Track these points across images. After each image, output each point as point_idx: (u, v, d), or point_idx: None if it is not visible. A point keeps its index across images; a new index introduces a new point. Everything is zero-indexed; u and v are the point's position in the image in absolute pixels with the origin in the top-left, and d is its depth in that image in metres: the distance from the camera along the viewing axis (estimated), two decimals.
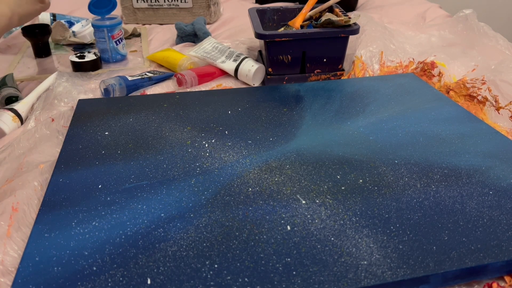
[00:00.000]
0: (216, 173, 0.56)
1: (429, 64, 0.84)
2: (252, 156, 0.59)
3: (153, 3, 1.17)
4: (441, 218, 0.48)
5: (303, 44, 0.80)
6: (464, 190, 0.53)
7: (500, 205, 0.50)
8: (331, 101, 0.73)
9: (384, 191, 0.52)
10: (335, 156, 0.59)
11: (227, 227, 0.47)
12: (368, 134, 0.64)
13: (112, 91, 0.77)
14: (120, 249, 0.44)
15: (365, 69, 0.86)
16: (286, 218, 0.48)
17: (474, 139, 0.63)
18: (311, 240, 0.45)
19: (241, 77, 0.83)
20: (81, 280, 0.41)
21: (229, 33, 1.11)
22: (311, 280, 0.41)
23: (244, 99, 0.74)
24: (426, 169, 0.56)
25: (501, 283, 0.44)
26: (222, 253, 0.44)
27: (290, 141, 0.62)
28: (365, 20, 0.93)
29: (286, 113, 0.70)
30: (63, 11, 1.18)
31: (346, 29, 0.79)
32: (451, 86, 0.78)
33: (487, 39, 0.91)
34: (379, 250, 0.44)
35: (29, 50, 1.00)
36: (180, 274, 0.41)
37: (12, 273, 0.44)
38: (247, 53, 0.96)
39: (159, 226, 0.47)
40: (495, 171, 0.56)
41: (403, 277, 0.41)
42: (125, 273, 0.41)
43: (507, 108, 0.70)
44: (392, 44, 0.90)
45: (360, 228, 0.47)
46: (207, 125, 0.66)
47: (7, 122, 0.68)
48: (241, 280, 0.41)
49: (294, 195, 0.52)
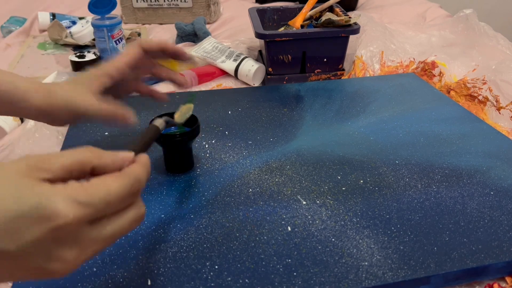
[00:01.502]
0: (216, 173, 0.55)
1: (430, 64, 0.83)
2: (252, 157, 0.59)
3: (153, 3, 1.16)
4: (442, 218, 0.48)
5: (303, 43, 0.79)
6: (465, 190, 0.53)
7: (501, 205, 0.50)
8: (332, 101, 0.73)
9: (385, 191, 0.52)
10: (335, 156, 0.59)
11: (227, 228, 0.47)
12: (369, 134, 0.64)
13: None
14: (120, 250, 0.44)
15: (365, 69, 0.85)
16: (286, 219, 0.48)
17: (475, 139, 0.63)
18: (312, 241, 0.45)
19: (241, 77, 0.83)
20: (81, 281, 0.40)
21: (229, 33, 1.10)
22: (312, 281, 0.41)
23: (244, 99, 0.74)
24: (427, 170, 0.56)
25: (502, 284, 0.44)
26: (223, 254, 0.43)
27: (290, 141, 0.62)
28: (366, 20, 0.93)
29: (287, 113, 0.70)
30: (63, 11, 1.18)
31: (347, 29, 0.79)
32: (451, 86, 0.78)
33: (488, 39, 0.91)
34: (380, 251, 0.44)
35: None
36: (180, 275, 0.41)
37: None
38: (247, 53, 0.96)
39: (159, 227, 0.47)
40: (496, 171, 0.56)
41: (404, 278, 0.41)
42: (125, 274, 0.41)
43: (508, 108, 0.70)
44: (393, 44, 0.90)
45: (361, 228, 0.47)
46: (207, 125, 0.66)
47: (8, 121, 0.68)
48: (241, 281, 0.41)
49: (294, 196, 0.51)
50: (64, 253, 0.26)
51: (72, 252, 0.26)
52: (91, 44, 1.01)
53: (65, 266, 0.26)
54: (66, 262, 0.26)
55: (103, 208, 0.27)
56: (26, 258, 0.26)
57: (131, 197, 0.29)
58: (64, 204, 0.25)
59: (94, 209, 0.27)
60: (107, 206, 0.28)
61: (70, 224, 0.25)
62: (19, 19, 1.14)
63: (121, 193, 0.28)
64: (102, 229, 0.28)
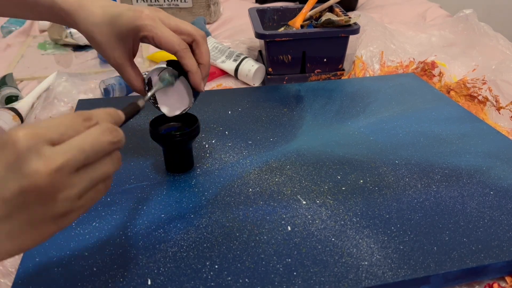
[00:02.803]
0: (216, 173, 0.55)
1: (430, 64, 0.83)
2: (252, 157, 0.59)
3: (152, 3, 1.16)
4: (442, 218, 0.48)
5: (303, 44, 0.79)
6: (465, 190, 0.53)
7: (501, 205, 0.50)
8: (332, 101, 0.73)
9: (385, 191, 0.52)
10: (335, 156, 0.59)
11: (227, 228, 0.47)
12: (369, 134, 0.64)
13: (112, 91, 0.77)
14: (121, 250, 0.44)
15: (365, 69, 0.85)
16: (286, 218, 0.48)
17: (474, 139, 0.63)
18: (312, 241, 0.45)
19: (241, 77, 0.83)
20: (81, 281, 0.40)
21: (229, 33, 1.11)
22: (312, 281, 0.41)
23: (244, 99, 0.74)
24: (426, 169, 0.56)
25: (502, 284, 0.44)
26: (223, 254, 0.43)
27: (290, 141, 0.62)
28: (365, 20, 0.93)
29: (287, 113, 0.70)
30: None
31: (346, 29, 0.79)
32: (451, 86, 0.78)
33: (488, 39, 0.91)
34: (380, 251, 0.44)
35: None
36: (180, 274, 0.41)
37: (12, 274, 0.44)
38: (247, 53, 0.96)
39: (160, 227, 0.47)
40: (496, 171, 0.56)
41: (404, 278, 0.41)
42: (125, 274, 0.41)
43: (508, 108, 0.70)
44: (393, 44, 0.90)
45: (360, 228, 0.47)
46: (207, 125, 0.66)
47: (8, 121, 0.68)
48: (241, 281, 0.41)
49: (294, 196, 0.51)
50: (31, 165, 0.27)
51: (39, 163, 0.27)
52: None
53: (38, 176, 0.27)
54: (37, 172, 0.27)
55: (54, 127, 0.29)
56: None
57: (85, 121, 0.31)
58: (17, 128, 0.28)
59: (45, 128, 0.28)
60: (58, 126, 0.29)
61: (24, 136, 0.27)
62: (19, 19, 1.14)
63: (67, 117, 0.30)
64: (64, 144, 0.29)
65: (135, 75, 0.51)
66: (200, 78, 0.49)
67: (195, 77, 0.49)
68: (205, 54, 0.49)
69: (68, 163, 0.28)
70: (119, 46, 0.48)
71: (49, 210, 0.28)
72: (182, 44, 0.47)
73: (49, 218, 0.29)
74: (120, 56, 0.49)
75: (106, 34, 0.48)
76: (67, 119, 0.30)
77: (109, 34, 0.48)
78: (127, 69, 0.50)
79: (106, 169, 0.31)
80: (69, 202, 0.29)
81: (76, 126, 0.30)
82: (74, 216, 0.30)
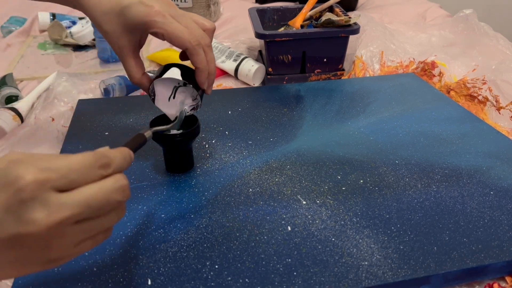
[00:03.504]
0: (216, 173, 0.55)
1: (430, 64, 0.83)
2: (252, 157, 0.59)
3: None
4: (442, 218, 0.48)
5: (303, 44, 0.79)
6: (465, 190, 0.53)
7: (501, 205, 0.50)
8: (332, 101, 0.73)
9: (385, 191, 0.52)
10: (335, 156, 0.59)
11: (227, 228, 0.47)
12: (369, 134, 0.64)
13: (112, 91, 0.77)
14: (121, 250, 0.44)
15: (365, 69, 0.85)
16: (286, 218, 0.48)
17: (474, 139, 0.63)
18: (312, 241, 0.45)
19: (241, 77, 0.83)
20: (81, 281, 0.40)
21: (229, 33, 1.11)
22: (312, 281, 0.41)
23: (244, 99, 0.74)
24: (426, 169, 0.56)
25: (502, 284, 0.44)
26: (223, 254, 0.43)
27: (290, 141, 0.62)
28: (365, 20, 0.93)
29: (287, 113, 0.70)
30: (63, 11, 1.18)
31: (346, 29, 0.79)
32: (451, 86, 0.78)
33: (488, 39, 0.91)
34: (380, 251, 0.44)
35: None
36: (180, 275, 0.41)
37: None
38: (247, 53, 0.96)
39: (160, 227, 0.47)
40: (496, 171, 0.56)
41: (404, 278, 0.41)
42: (125, 273, 0.41)
43: (508, 108, 0.70)
44: (393, 44, 0.90)
45: (361, 228, 0.47)
46: (207, 126, 0.66)
47: (8, 121, 0.68)
48: (241, 281, 0.41)
49: (294, 196, 0.51)
50: (33, 214, 0.26)
51: (41, 214, 0.27)
52: (91, 44, 1.01)
53: (38, 227, 0.26)
54: (37, 223, 0.26)
55: (66, 173, 0.28)
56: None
57: (100, 169, 0.30)
58: (25, 168, 0.27)
59: (55, 173, 0.28)
60: (70, 172, 0.28)
61: (31, 184, 0.26)
62: (19, 19, 1.14)
63: (82, 161, 0.29)
64: (71, 194, 0.28)
65: (136, 67, 0.51)
66: (206, 76, 0.49)
67: (203, 75, 0.49)
68: (210, 61, 0.49)
69: (72, 217, 0.28)
70: (126, 37, 0.48)
71: (42, 255, 0.28)
72: (194, 41, 0.47)
73: (40, 261, 0.28)
74: (125, 46, 0.49)
75: (114, 24, 0.47)
76: (82, 164, 0.29)
77: (117, 24, 0.47)
78: (129, 60, 0.50)
79: (108, 223, 0.31)
80: (63, 249, 0.29)
81: (90, 175, 0.29)
82: (66, 260, 0.30)
